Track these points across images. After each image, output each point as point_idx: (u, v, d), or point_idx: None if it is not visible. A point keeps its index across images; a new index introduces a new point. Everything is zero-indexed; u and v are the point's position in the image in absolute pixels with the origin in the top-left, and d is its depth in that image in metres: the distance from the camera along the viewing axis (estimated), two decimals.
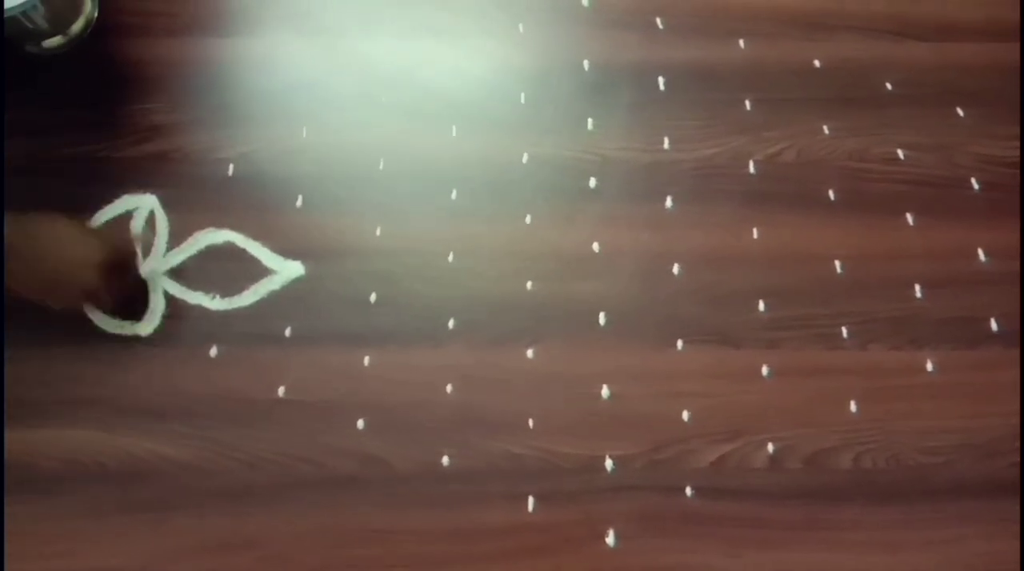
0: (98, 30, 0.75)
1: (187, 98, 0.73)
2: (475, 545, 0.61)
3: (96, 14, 0.75)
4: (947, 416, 0.65)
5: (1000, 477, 0.63)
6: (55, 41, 0.73)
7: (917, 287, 0.68)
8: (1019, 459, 0.64)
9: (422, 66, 0.75)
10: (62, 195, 0.69)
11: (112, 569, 0.60)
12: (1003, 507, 0.62)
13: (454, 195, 0.70)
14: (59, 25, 0.73)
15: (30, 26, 0.70)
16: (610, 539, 0.61)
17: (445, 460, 0.63)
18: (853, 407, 0.65)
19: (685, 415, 0.65)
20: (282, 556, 0.61)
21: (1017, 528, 0.62)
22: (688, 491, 0.63)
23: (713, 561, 0.61)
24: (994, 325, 0.67)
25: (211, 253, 0.68)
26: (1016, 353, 0.66)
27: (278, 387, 0.65)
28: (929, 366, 0.66)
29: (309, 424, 0.64)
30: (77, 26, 0.74)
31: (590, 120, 0.73)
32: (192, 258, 0.68)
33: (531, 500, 0.62)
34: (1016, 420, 0.65)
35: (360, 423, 0.64)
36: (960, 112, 0.74)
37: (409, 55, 0.75)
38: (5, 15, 0.64)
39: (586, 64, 0.75)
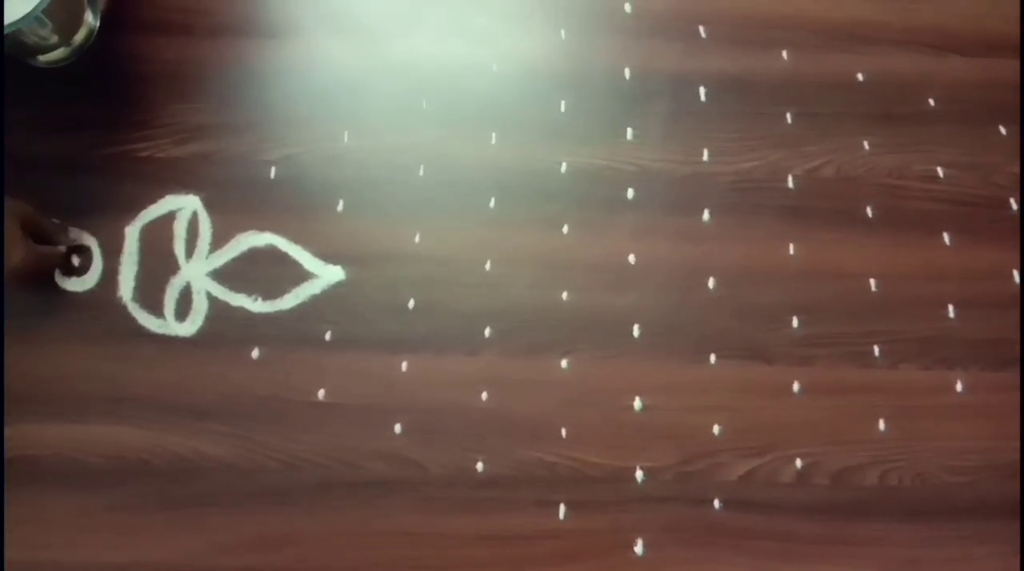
0: (140, 28, 0.75)
1: (229, 99, 0.73)
2: (506, 550, 0.63)
3: (98, 24, 0.74)
4: (973, 437, 0.66)
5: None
6: (58, 54, 0.72)
7: (950, 307, 0.69)
8: None
9: (463, 71, 0.74)
10: (104, 194, 0.70)
11: (155, 563, 0.62)
12: None
13: (492, 203, 0.71)
14: (63, 36, 0.71)
15: (35, 39, 0.69)
16: (638, 548, 0.63)
17: (479, 466, 0.65)
18: (881, 425, 0.66)
19: (716, 429, 0.66)
20: (319, 555, 0.63)
21: None
22: (716, 503, 0.64)
23: None
24: None
25: (253, 255, 0.69)
26: None
27: (318, 390, 0.66)
28: (959, 387, 0.67)
29: (347, 427, 0.65)
30: (79, 37, 0.72)
31: (629, 130, 0.73)
32: (234, 260, 0.69)
33: (562, 508, 0.64)
34: None
35: (397, 427, 0.65)
36: (1002, 130, 0.73)
37: (450, 59, 0.75)
38: (7, 30, 0.63)
39: (627, 72, 0.74)
